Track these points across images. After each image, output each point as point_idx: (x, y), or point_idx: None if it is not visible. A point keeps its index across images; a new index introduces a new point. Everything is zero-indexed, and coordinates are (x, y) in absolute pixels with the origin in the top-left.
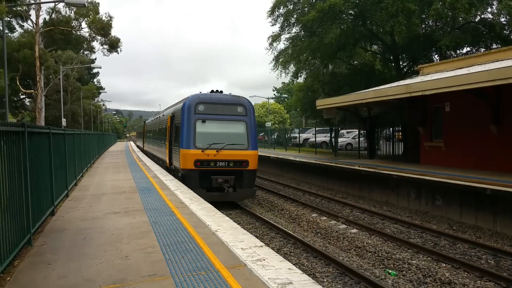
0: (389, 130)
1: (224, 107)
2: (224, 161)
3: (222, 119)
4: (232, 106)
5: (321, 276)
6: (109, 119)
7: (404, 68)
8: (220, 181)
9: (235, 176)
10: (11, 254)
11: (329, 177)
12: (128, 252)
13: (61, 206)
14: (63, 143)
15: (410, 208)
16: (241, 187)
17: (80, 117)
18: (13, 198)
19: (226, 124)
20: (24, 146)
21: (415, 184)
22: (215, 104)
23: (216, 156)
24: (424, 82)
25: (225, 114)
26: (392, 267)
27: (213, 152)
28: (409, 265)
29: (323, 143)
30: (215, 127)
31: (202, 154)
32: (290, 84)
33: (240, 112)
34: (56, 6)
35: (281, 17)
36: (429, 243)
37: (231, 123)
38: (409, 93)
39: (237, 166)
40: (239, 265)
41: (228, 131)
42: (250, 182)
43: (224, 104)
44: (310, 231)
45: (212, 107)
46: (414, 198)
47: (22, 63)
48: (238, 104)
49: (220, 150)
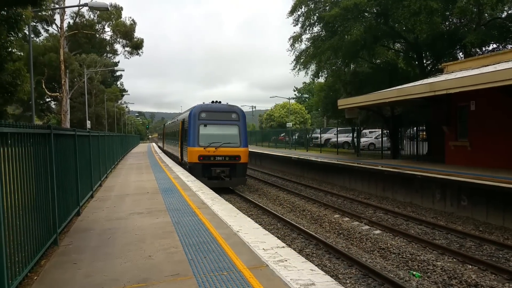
0: (413, 130)
1: (221, 114)
2: (221, 156)
3: (219, 123)
4: (227, 113)
5: (344, 278)
6: (132, 121)
7: (428, 67)
8: (218, 171)
9: (230, 167)
10: (38, 253)
11: (352, 178)
12: (151, 252)
13: (86, 206)
14: (87, 145)
15: (435, 209)
16: (235, 176)
17: (104, 119)
18: (39, 199)
19: (223, 127)
20: (50, 147)
21: (440, 184)
22: (214, 112)
23: (215, 152)
24: (449, 81)
25: (222, 119)
26: (417, 269)
27: (212, 149)
28: (434, 266)
29: (345, 143)
30: (214, 130)
31: (204, 150)
32: (311, 84)
33: (234, 118)
34: (80, 10)
35: (302, 16)
36: (454, 245)
37: (226, 126)
38: (433, 92)
39: (231, 160)
40: (261, 265)
41: (224, 132)
42: (242, 172)
43: (221, 112)
44: (332, 232)
45: (212, 114)
46: (439, 199)
47: (47, 67)
48: (232, 111)
49: (218, 148)
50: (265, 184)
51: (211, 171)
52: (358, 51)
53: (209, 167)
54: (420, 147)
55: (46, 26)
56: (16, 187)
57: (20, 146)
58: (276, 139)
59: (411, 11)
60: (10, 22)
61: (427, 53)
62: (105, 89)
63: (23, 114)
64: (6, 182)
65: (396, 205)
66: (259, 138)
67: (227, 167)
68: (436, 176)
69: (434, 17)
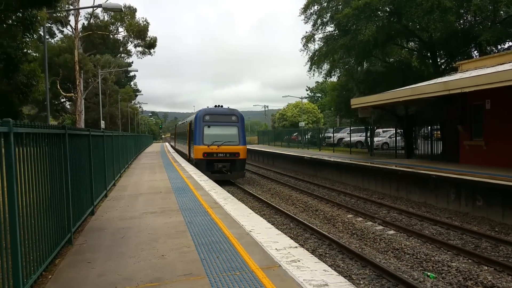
0: (427, 129)
1: (222, 117)
2: (222, 153)
3: (221, 125)
4: (228, 116)
5: (357, 278)
6: (145, 121)
7: (442, 65)
8: (220, 166)
9: (230, 163)
10: (52, 252)
11: (365, 178)
12: (164, 252)
13: (100, 206)
14: (102, 145)
15: (450, 209)
16: (235, 170)
17: (118, 119)
18: (54, 198)
19: (224, 128)
20: (64, 147)
21: (455, 184)
22: (217, 115)
23: (217, 150)
24: (463, 79)
25: (223, 121)
26: (431, 270)
27: (215, 147)
28: (448, 267)
29: (358, 143)
30: (216, 130)
31: (208, 148)
32: (324, 83)
33: (233, 120)
34: (94, 11)
35: (314, 15)
36: (469, 245)
37: (227, 127)
38: (447, 91)
39: (231, 156)
40: (274, 265)
41: (225, 133)
42: (241, 167)
43: (222, 115)
44: (346, 232)
45: (215, 117)
46: (453, 199)
47: (62, 68)
48: (232, 114)
49: (220, 146)
50: (277, 184)
51: (214, 166)
52: (371, 50)
53: (212, 163)
54: (434, 146)
55: (61, 27)
56: (31, 186)
57: (35, 146)
58: (289, 139)
59: (424, 10)
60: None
61: (441, 52)
62: (119, 90)
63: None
64: (21, 181)
65: (410, 205)
66: (271, 137)
67: (227, 162)
68: (451, 176)
69: (448, 15)
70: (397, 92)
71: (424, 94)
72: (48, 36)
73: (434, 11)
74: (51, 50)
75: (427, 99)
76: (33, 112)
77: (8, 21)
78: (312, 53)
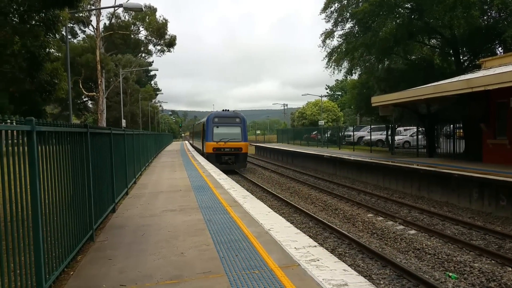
0: (449, 127)
1: (228, 119)
2: (228, 148)
3: (227, 125)
4: (233, 118)
5: (377, 278)
6: (166, 120)
7: (465, 63)
8: (226, 159)
9: (234, 156)
10: (74, 249)
11: (386, 176)
12: (184, 249)
13: (121, 203)
14: (123, 143)
15: (472, 209)
16: (238, 162)
17: (139, 118)
18: (76, 196)
19: (229, 128)
20: (86, 146)
21: (478, 183)
22: (224, 117)
23: (224, 145)
24: (487, 77)
25: (229, 123)
26: (453, 270)
27: (222, 143)
28: (471, 268)
29: (379, 141)
30: (223, 130)
31: (216, 144)
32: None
33: (237, 121)
34: (115, 11)
35: (335, 13)
36: (492, 246)
37: (232, 127)
38: (470, 88)
39: (235, 151)
40: (293, 264)
41: (230, 132)
42: (243, 159)
43: (228, 117)
44: (366, 232)
45: (222, 119)
46: (476, 199)
47: (84, 67)
48: (236, 117)
49: (226, 142)
50: (296, 182)
51: (222, 158)
52: (391, 47)
53: (220, 156)
54: (456, 145)
55: (83, 27)
56: (54, 184)
57: (58, 145)
58: (308, 137)
59: (447, 7)
60: (48, 24)
61: (464, 49)
62: (140, 89)
63: (61, 113)
64: (44, 179)
65: (432, 205)
66: (290, 136)
67: (232, 155)
68: (474, 175)
69: (472, 10)
70: (418, 90)
71: (446, 92)
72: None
73: (457, 8)
74: (73, 49)
75: (450, 97)
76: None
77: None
78: (331, 50)
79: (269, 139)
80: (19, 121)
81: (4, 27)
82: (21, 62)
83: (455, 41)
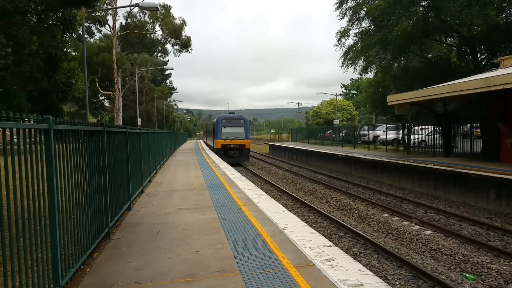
0: (466, 127)
1: (234, 121)
2: (234, 145)
3: (233, 125)
4: (237, 120)
5: (393, 279)
6: (180, 118)
7: (483, 61)
8: (232, 153)
9: (239, 151)
10: (90, 247)
11: (401, 176)
12: (198, 248)
13: (136, 201)
14: (138, 142)
15: (489, 209)
16: (242, 156)
17: (154, 116)
18: (93, 194)
19: (235, 128)
20: (103, 144)
21: (495, 183)
22: (230, 119)
23: (230, 142)
24: (505, 75)
25: (235, 124)
26: (470, 271)
27: (229, 141)
28: (488, 269)
29: (395, 141)
30: (230, 129)
31: (224, 141)
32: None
33: (241, 122)
34: (131, 10)
35: (350, 10)
36: (511, 247)
37: (237, 127)
38: (488, 87)
39: (240, 147)
40: (308, 264)
41: (236, 131)
42: (246, 154)
43: (234, 119)
44: (381, 232)
45: (229, 120)
46: (493, 199)
47: (101, 66)
48: (240, 119)
49: (232, 140)
50: (311, 182)
51: (228, 153)
52: (408, 46)
53: (227, 151)
54: (474, 144)
55: (99, 26)
56: (71, 182)
57: (74, 143)
58: (323, 136)
59: (462, 4)
60: (65, 23)
61: (481, 47)
62: (155, 88)
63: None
64: (61, 177)
65: (449, 205)
66: (305, 135)
67: (237, 151)
68: (491, 175)
69: (488, 9)
70: (435, 88)
71: (463, 91)
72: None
73: (472, 6)
74: (90, 49)
75: (467, 96)
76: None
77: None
78: (347, 49)
79: (284, 138)
80: (36, 119)
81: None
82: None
83: (472, 39)
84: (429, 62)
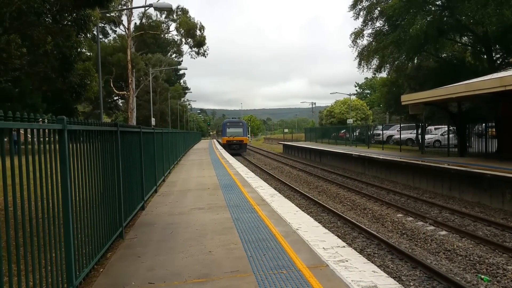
0: (481, 126)
1: (235, 123)
2: (235, 141)
3: (234, 127)
4: (238, 123)
5: (407, 280)
6: (194, 118)
7: (498, 60)
8: (234, 146)
9: (238, 145)
10: (104, 246)
11: (416, 176)
12: (211, 248)
13: (150, 201)
14: (152, 141)
15: (505, 210)
16: (241, 149)
17: (168, 116)
18: (106, 193)
19: (236, 129)
20: (116, 144)
21: (511, 184)
22: (233, 122)
23: (233, 139)
24: None
25: (236, 126)
26: (485, 272)
27: (231, 138)
28: (504, 270)
29: (409, 140)
30: (232, 130)
31: (228, 138)
32: (373, 79)
33: (241, 125)
34: (146, 11)
35: (364, 11)
36: None
37: (237, 128)
38: (503, 87)
39: (239, 142)
40: (321, 265)
41: (236, 131)
42: (244, 147)
43: (235, 122)
44: (395, 232)
45: (232, 123)
46: (509, 199)
47: (115, 66)
48: (240, 122)
49: (234, 137)
50: (324, 181)
51: (231, 146)
52: (422, 45)
53: (230, 145)
54: (489, 144)
55: (114, 27)
56: (85, 182)
57: (88, 143)
58: (336, 136)
59: (478, 4)
60: (79, 24)
61: (496, 46)
62: (169, 87)
63: (92, 111)
64: (75, 177)
65: (463, 205)
66: (318, 134)
67: (237, 145)
68: (507, 175)
69: (504, 9)
70: (450, 88)
71: (478, 91)
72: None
73: (489, 4)
74: (104, 49)
75: (482, 95)
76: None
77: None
78: (361, 49)
79: (297, 137)
80: (51, 119)
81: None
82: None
83: (487, 39)
84: (444, 61)
